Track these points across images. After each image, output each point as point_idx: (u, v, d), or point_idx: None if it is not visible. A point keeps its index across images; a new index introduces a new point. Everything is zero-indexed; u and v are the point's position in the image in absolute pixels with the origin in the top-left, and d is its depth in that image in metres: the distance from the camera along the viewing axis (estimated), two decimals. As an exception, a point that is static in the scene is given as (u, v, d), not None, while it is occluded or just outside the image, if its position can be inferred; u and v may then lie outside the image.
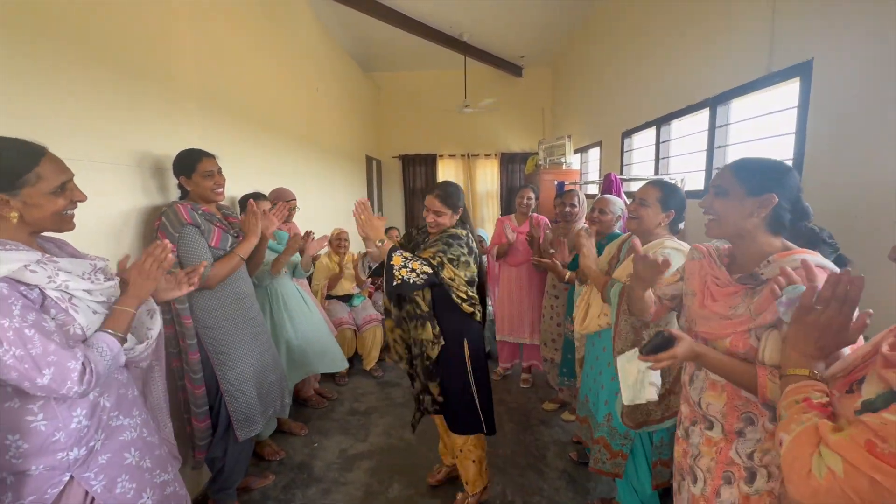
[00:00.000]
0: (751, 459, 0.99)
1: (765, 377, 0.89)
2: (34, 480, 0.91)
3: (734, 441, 1.01)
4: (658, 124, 3.01)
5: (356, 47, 5.13)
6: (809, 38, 1.72)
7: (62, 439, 0.93)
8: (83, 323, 0.96)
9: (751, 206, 0.97)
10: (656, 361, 0.99)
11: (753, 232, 0.99)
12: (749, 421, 1.00)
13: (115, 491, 1.02)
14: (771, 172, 0.98)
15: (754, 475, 0.98)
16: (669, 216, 1.50)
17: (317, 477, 2.09)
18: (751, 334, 0.96)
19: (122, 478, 1.04)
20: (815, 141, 1.72)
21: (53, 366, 0.86)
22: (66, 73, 1.37)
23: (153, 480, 1.12)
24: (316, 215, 3.76)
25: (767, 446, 0.97)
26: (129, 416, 1.09)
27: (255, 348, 1.84)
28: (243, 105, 2.57)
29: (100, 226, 1.50)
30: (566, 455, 2.23)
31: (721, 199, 1.02)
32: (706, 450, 1.07)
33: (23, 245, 0.93)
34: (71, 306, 0.94)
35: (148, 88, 1.74)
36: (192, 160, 1.65)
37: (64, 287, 0.93)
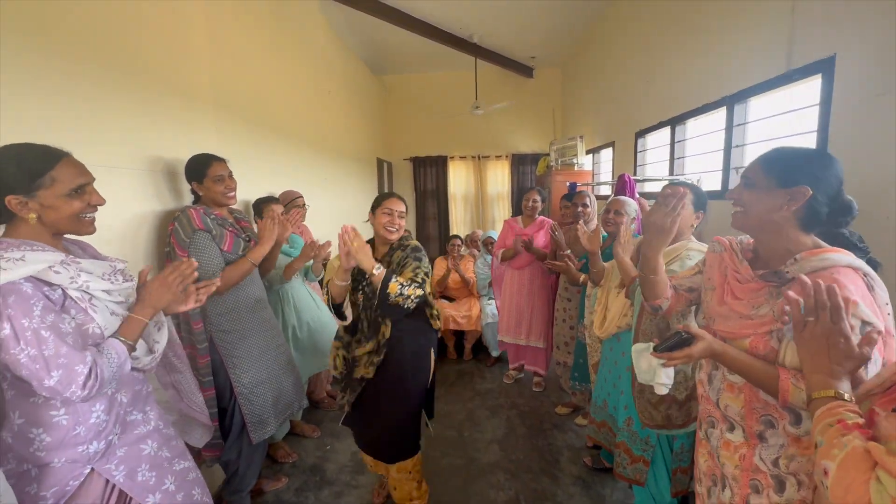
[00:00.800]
0: (776, 467, 0.94)
1: (787, 380, 0.85)
2: (57, 472, 0.95)
3: (756, 446, 0.97)
4: (673, 124, 2.95)
5: (366, 50, 5.16)
6: (832, 33, 1.67)
7: (82, 433, 0.97)
8: (101, 323, 0.99)
9: (780, 198, 0.90)
10: (669, 359, 0.98)
11: (782, 226, 0.92)
12: (769, 424, 0.95)
13: (138, 479, 1.07)
14: (806, 163, 0.91)
15: (783, 484, 0.93)
16: (699, 217, 1.49)
17: (329, 480, 2.09)
18: (772, 336, 0.91)
19: (142, 467, 1.08)
20: (837, 140, 1.66)
21: (62, 368, 0.88)
22: (82, 79, 1.40)
23: (173, 468, 1.16)
24: (327, 218, 3.79)
25: (792, 451, 0.92)
26: (142, 411, 1.13)
27: (269, 351, 1.86)
28: (256, 109, 2.60)
29: (114, 230, 1.53)
30: (580, 460, 2.20)
31: (750, 190, 0.95)
32: (726, 454, 1.03)
33: (48, 246, 0.96)
34: (90, 306, 0.97)
35: (163, 93, 1.77)
36: (203, 165, 1.67)
37: (85, 287, 0.96)
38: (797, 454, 0.92)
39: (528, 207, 2.89)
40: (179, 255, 1.59)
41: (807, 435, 0.90)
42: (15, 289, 0.86)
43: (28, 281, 0.89)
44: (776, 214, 0.91)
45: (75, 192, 0.99)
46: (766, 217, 0.93)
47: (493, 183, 6.43)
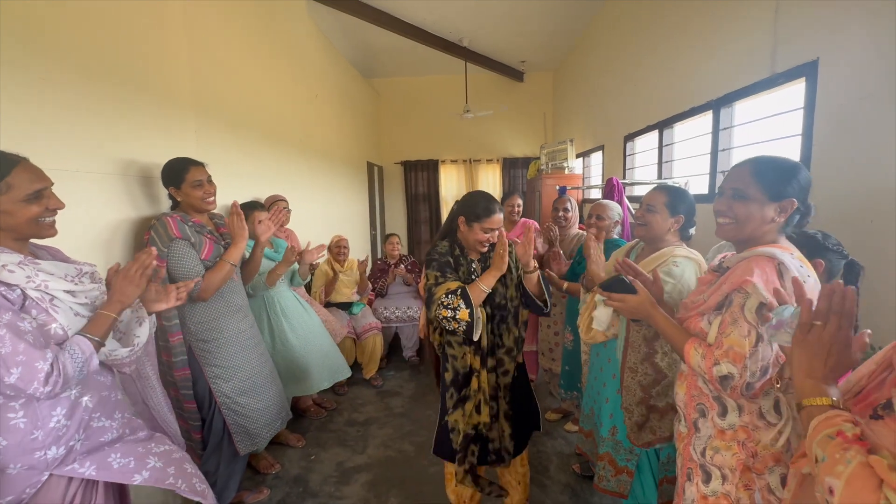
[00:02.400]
0: (703, 457, 1.01)
1: (690, 344, 0.98)
2: (12, 480, 0.94)
3: (693, 435, 1.03)
4: (661, 127, 2.96)
5: (356, 54, 5.14)
6: (815, 37, 1.68)
7: (41, 437, 0.95)
8: (64, 323, 0.98)
9: (772, 210, 0.96)
10: (608, 298, 1.13)
11: (767, 233, 0.98)
12: (702, 413, 1.02)
13: (114, 466, 1.06)
14: (791, 176, 0.96)
15: (709, 476, 0.99)
16: (679, 221, 1.44)
17: (312, 491, 2.04)
18: (703, 318, 1.00)
19: (113, 456, 1.07)
20: (821, 143, 1.66)
21: (21, 365, 0.87)
22: (50, 80, 1.35)
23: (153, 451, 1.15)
24: (316, 222, 3.74)
25: (717, 444, 0.98)
26: (110, 418, 1.11)
27: (252, 360, 1.81)
28: (241, 112, 2.56)
29: (86, 236, 1.48)
30: (569, 468, 2.16)
31: (741, 202, 0.98)
32: (678, 444, 1.11)
33: (6, 249, 0.96)
34: (51, 307, 0.97)
35: (139, 95, 1.73)
36: (180, 170, 1.62)
37: (44, 287, 0.96)
38: (721, 447, 0.97)
39: (513, 213, 2.85)
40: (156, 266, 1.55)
41: (731, 428, 0.97)
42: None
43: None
44: (767, 226, 0.97)
45: (33, 196, 0.98)
46: (760, 228, 0.98)
47: (485, 186, 6.42)
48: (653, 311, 1.08)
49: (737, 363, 0.89)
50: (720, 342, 0.93)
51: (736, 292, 0.93)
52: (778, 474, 0.92)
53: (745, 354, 0.89)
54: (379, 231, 6.27)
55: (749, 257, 0.94)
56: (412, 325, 3.50)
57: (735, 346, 0.91)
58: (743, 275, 0.91)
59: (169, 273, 1.57)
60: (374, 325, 3.23)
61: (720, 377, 0.92)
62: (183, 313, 1.66)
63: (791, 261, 0.90)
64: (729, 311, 0.94)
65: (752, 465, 0.94)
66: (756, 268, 0.90)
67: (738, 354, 0.90)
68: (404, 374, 3.37)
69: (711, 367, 0.93)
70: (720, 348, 0.92)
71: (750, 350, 0.89)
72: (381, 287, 3.61)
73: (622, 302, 1.11)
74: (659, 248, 1.47)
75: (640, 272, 1.24)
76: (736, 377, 0.90)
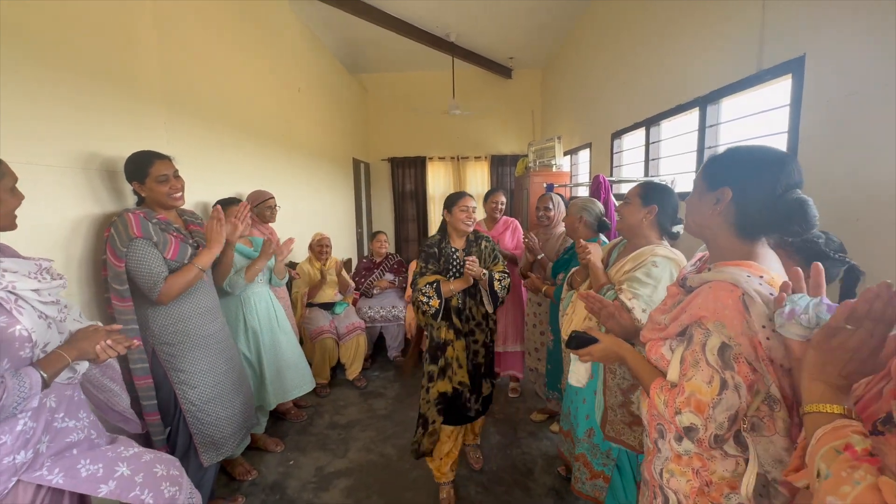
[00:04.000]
0: (661, 478, 0.94)
1: (654, 389, 0.88)
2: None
3: (654, 454, 0.97)
4: (648, 125, 2.94)
5: (341, 48, 5.03)
6: (801, 33, 1.65)
7: (9, 442, 0.93)
8: (28, 325, 0.95)
9: (709, 201, 0.86)
10: (580, 356, 1.07)
11: (716, 231, 0.87)
12: (661, 433, 0.95)
13: (83, 474, 1.04)
14: (734, 163, 0.85)
15: (667, 499, 0.92)
16: (651, 212, 1.42)
17: (290, 498, 1.96)
18: (664, 344, 0.91)
19: (83, 462, 1.05)
20: (808, 139, 1.64)
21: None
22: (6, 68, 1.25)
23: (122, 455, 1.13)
24: (300, 220, 3.65)
25: (672, 467, 0.91)
26: (74, 417, 1.09)
27: (219, 366, 1.72)
28: (218, 106, 2.46)
29: (44, 233, 1.39)
30: (554, 470, 2.13)
31: (692, 194, 0.93)
32: (646, 458, 1.04)
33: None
34: (16, 308, 0.94)
35: (104, 87, 1.63)
36: (144, 164, 1.52)
37: (11, 288, 0.93)
38: (675, 472, 0.90)
39: (496, 210, 2.78)
40: (114, 265, 1.46)
41: (686, 454, 0.88)
42: None
43: None
44: (707, 219, 0.87)
45: (13, 188, 1.00)
46: (700, 221, 0.90)
47: (473, 184, 6.37)
48: (620, 352, 1.02)
49: (700, 413, 0.78)
50: (682, 387, 0.82)
51: (696, 325, 0.82)
52: (735, 502, 0.82)
53: (708, 403, 0.77)
54: (365, 229, 6.18)
55: (711, 282, 0.82)
56: (397, 324, 3.44)
57: (697, 392, 0.79)
58: (702, 308, 0.80)
59: (128, 274, 1.48)
60: (358, 325, 3.16)
61: (684, 428, 0.81)
62: (145, 315, 1.56)
63: (759, 288, 0.76)
64: (690, 348, 0.82)
65: (707, 492, 0.85)
66: (717, 300, 0.78)
67: (700, 403, 0.78)
68: (389, 374, 3.31)
69: (674, 417, 0.83)
70: (682, 394, 0.81)
71: (713, 399, 0.77)
72: (366, 287, 3.53)
73: (590, 354, 1.06)
74: (640, 245, 1.44)
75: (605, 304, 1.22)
76: (700, 429, 0.79)
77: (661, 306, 0.99)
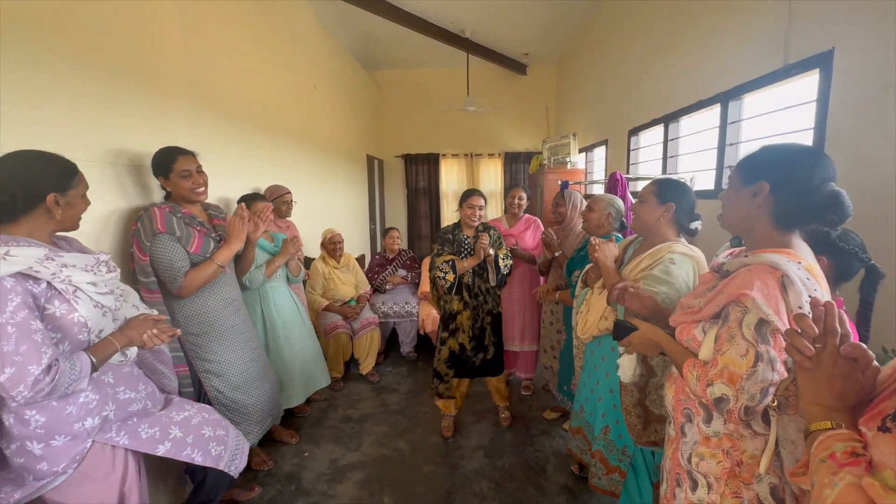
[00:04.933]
0: (689, 463, 0.96)
1: (687, 366, 0.92)
2: (60, 451, 1.05)
3: (680, 440, 1.00)
4: (666, 121, 2.89)
5: (356, 45, 5.06)
6: (830, 27, 1.60)
7: (74, 412, 1.07)
8: (84, 313, 1.06)
9: (745, 195, 0.90)
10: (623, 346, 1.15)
11: (754, 224, 0.91)
12: (688, 418, 0.98)
13: (143, 437, 1.19)
14: (772, 158, 0.88)
15: (696, 483, 0.95)
16: (669, 209, 1.40)
17: (304, 490, 2.00)
18: (697, 326, 0.94)
19: (143, 427, 1.21)
20: (835, 136, 1.59)
21: (16, 366, 0.92)
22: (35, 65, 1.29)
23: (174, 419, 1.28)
24: (315, 215, 3.69)
25: (701, 450, 0.93)
26: (134, 389, 1.23)
27: (243, 356, 1.77)
28: (237, 103, 2.50)
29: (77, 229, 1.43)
30: (567, 468, 2.12)
31: (727, 190, 0.96)
32: (667, 449, 1.08)
33: (35, 241, 1.03)
34: (74, 298, 1.05)
35: (129, 84, 1.67)
36: (168, 160, 1.57)
37: (68, 280, 1.03)
38: (706, 454, 0.92)
39: (514, 205, 2.76)
40: (139, 258, 1.51)
41: (715, 436, 0.91)
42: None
43: (11, 276, 0.95)
44: (745, 211, 0.91)
45: (85, 193, 1.15)
46: (737, 214, 0.93)
47: (486, 181, 6.36)
48: (658, 339, 1.06)
49: (732, 384, 0.81)
50: (715, 361, 0.85)
51: (733, 305, 0.85)
52: (767, 484, 0.84)
53: (741, 375, 0.81)
54: (378, 225, 6.21)
55: (751, 265, 0.85)
56: (410, 320, 3.46)
57: (731, 365, 0.82)
58: (741, 287, 0.82)
59: (153, 268, 1.52)
60: (372, 321, 3.18)
61: (714, 399, 0.84)
62: (172, 307, 1.61)
63: (797, 272, 0.80)
64: (726, 325, 0.86)
65: (738, 472, 0.87)
66: (756, 280, 0.81)
67: (733, 375, 0.81)
68: (402, 370, 3.33)
69: (705, 389, 0.85)
70: (715, 367, 0.84)
71: (747, 371, 0.80)
72: (379, 282, 3.56)
73: (630, 343, 1.12)
74: (656, 243, 1.42)
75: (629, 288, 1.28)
76: (731, 400, 0.82)
77: (694, 292, 1.03)
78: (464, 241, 2.25)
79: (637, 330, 1.11)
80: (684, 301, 1.02)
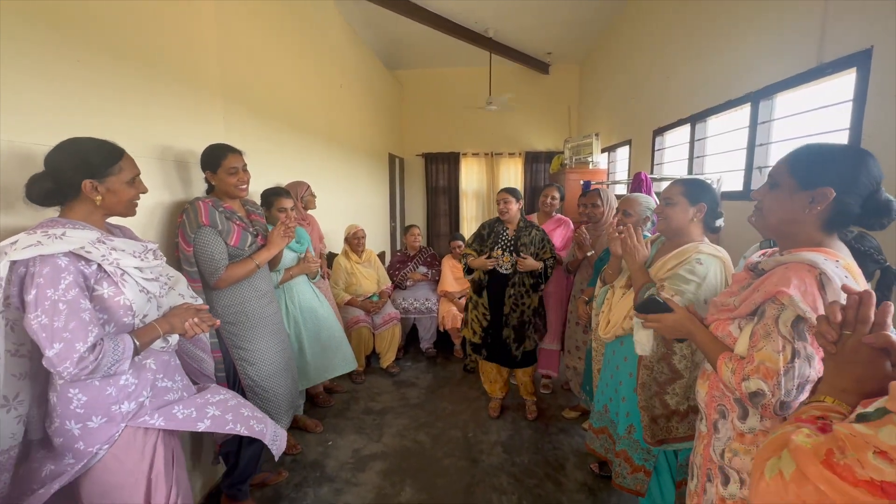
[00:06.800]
0: (722, 459, 0.97)
1: (722, 359, 0.92)
2: (95, 432, 1.08)
3: (712, 436, 1.01)
4: (693, 121, 2.85)
5: (380, 44, 5.13)
6: (868, 24, 1.57)
7: (114, 393, 1.10)
8: (130, 297, 1.10)
9: (802, 200, 0.87)
10: (645, 320, 1.12)
11: (803, 227, 0.89)
12: (722, 414, 0.98)
13: (179, 417, 1.20)
14: (832, 161, 0.85)
15: (728, 478, 0.95)
16: (701, 210, 1.39)
17: (329, 476, 2.07)
18: (733, 322, 0.95)
19: (177, 409, 1.21)
20: (872, 138, 1.56)
21: (64, 342, 0.96)
22: (87, 65, 1.38)
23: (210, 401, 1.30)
24: (338, 212, 3.77)
25: (735, 446, 0.94)
26: (172, 379, 1.26)
27: (274, 346, 1.84)
28: (266, 101, 2.58)
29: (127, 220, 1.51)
30: (587, 466, 2.13)
31: (773, 191, 0.92)
32: (698, 444, 1.08)
33: (89, 225, 1.08)
34: (121, 281, 1.09)
35: (171, 83, 1.75)
36: (218, 156, 1.65)
37: (116, 264, 1.07)
38: (739, 450, 0.93)
39: (546, 204, 2.79)
40: (184, 249, 1.59)
41: (751, 432, 0.92)
42: (51, 261, 0.97)
43: (66, 255, 0.99)
44: (797, 216, 0.88)
45: (132, 180, 1.16)
46: (786, 218, 0.90)
47: (506, 181, 6.36)
48: (692, 327, 1.04)
49: (768, 379, 0.82)
50: (751, 357, 0.86)
51: (770, 302, 0.85)
52: None
53: (778, 371, 0.82)
54: (399, 223, 6.29)
55: (788, 263, 0.85)
56: (430, 316, 3.51)
57: (767, 361, 0.83)
58: (778, 284, 0.83)
59: (196, 258, 1.60)
60: (394, 316, 3.24)
61: (750, 393, 0.85)
62: (210, 297, 1.69)
63: (835, 270, 0.81)
64: (762, 322, 0.86)
65: None
66: (794, 278, 0.81)
67: (769, 370, 0.83)
68: (421, 365, 3.39)
69: (741, 383, 0.86)
70: (751, 363, 0.85)
71: (784, 366, 0.82)
72: (400, 279, 3.62)
73: (659, 322, 1.08)
74: (682, 244, 1.42)
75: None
76: (767, 395, 0.83)
77: (728, 290, 1.02)
78: (501, 234, 2.43)
79: (671, 312, 1.08)
80: (718, 300, 1.02)
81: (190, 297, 1.36)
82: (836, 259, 0.83)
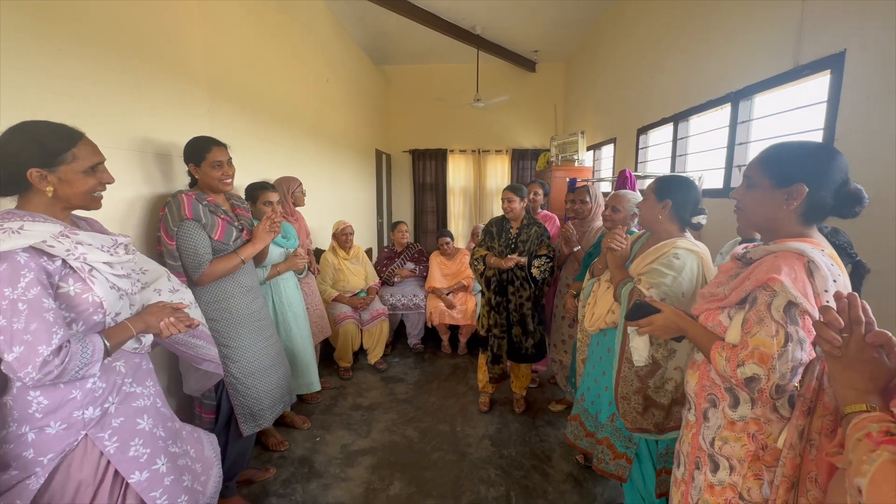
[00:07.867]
0: (712, 447, 1.00)
1: (715, 349, 0.94)
2: (53, 438, 0.98)
3: (702, 425, 1.03)
4: (676, 120, 2.91)
5: (367, 39, 5.08)
6: (842, 28, 1.63)
7: (79, 397, 1.00)
8: (100, 293, 1.01)
9: (779, 197, 0.93)
10: (638, 327, 1.12)
11: (783, 222, 0.94)
12: (712, 403, 1.01)
13: (129, 453, 1.08)
14: (802, 159, 0.91)
15: (717, 465, 0.99)
16: (666, 206, 1.45)
17: (317, 472, 2.06)
18: (723, 312, 0.97)
19: (136, 441, 1.09)
20: (844, 137, 1.63)
21: (25, 345, 0.88)
22: (68, 54, 1.34)
23: (168, 449, 1.17)
24: (324, 208, 3.74)
25: (726, 434, 0.97)
26: (142, 385, 1.16)
27: (259, 342, 1.82)
28: (252, 94, 2.55)
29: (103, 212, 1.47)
30: (572, 458, 2.17)
31: (750, 190, 0.98)
32: (685, 433, 1.11)
33: (50, 218, 0.98)
34: (90, 277, 1.00)
35: (154, 74, 1.72)
36: (202, 149, 1.61)
37: (82, 259, 0.98)
38: (730, 438, 0.96)
39: (531, 201, 2.82)
40: (167, 243, 1.56)
41: (741, 420, 0.95)
42: (8, 258, 0.89)
43: (25, 251, 0.91)
44: (776, 213, 0.94)
45: (91, 169, 1.04)
46: (766, 215, 0.96)
47: (493, 177, 6.39)
48: (682, 323, 1.05)
49: (763, 364, 0.85)
50: (745, 342, 0.89)
51: (761, 289, 0.88)
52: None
53: (772, 355, 0.84)
54: (386, 219, 6.26)
55: (777, 252, 0.89)
56: (418, 312, 3.51)
57: (761, 346, 0.86)
58: (769, 272, 0.86)
59: (179, 253, 1.57)
60: (382, 312, 3.24)
61: (745, 379, 0.87)
62: (193, 292, 1.66)
63: (822, 258, 0.85)
64: (754, 309, 0.89)
65: (762, 456, 0.92)
66: (784, 265, 0.85)
67: (764, 355, 0.85)
68: (409, 361, 3.39)
69: (736, 370, 0.89)
70: (745, 349, 0.88)
71: (778, 350, 0.84)
72: (387, 275, 3.61)
73: (651, 325, 1.09)
74: (662, 239, 1.47)
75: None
76: (763, 379, 0.85)
77: (715, 280, 1.06)
78: (511, 231, 2.45)
79: (659, 312, 1.09)
80: (706, 290, 1.05)
81: (168, 293, 1.27)
82: (821, 248, 0.88)
